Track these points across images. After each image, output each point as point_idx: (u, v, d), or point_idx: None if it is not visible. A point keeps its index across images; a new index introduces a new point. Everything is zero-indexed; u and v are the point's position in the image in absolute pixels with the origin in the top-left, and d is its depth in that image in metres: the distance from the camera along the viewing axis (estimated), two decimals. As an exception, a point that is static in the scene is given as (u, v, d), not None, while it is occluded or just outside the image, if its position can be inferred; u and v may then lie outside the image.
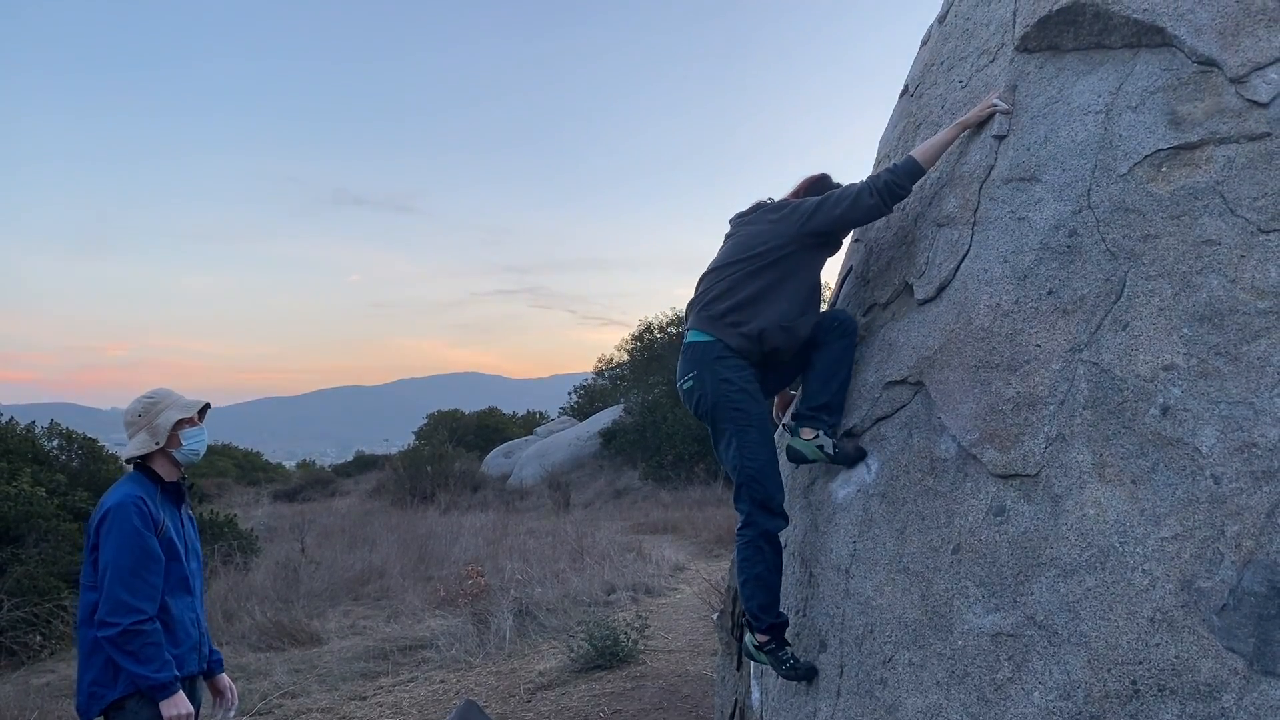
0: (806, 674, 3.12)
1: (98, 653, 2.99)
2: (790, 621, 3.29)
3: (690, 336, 3.35)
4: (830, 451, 3.21)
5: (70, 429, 12.79)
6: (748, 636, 3.30)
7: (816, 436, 3.24)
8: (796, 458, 3.29)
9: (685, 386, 3.32)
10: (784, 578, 3.31)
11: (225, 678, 3.45)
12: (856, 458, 3.19)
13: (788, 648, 3.19)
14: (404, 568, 11.33)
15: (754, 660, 3.32)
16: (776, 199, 3.54)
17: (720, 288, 3.34)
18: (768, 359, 3.34)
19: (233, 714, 3.44)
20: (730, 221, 3.58)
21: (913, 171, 3.22)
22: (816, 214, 3.31)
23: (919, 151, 3.24)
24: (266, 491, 28.11)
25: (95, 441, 12.92)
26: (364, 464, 37.04)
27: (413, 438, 33.85)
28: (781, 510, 3.19)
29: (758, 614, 3.17)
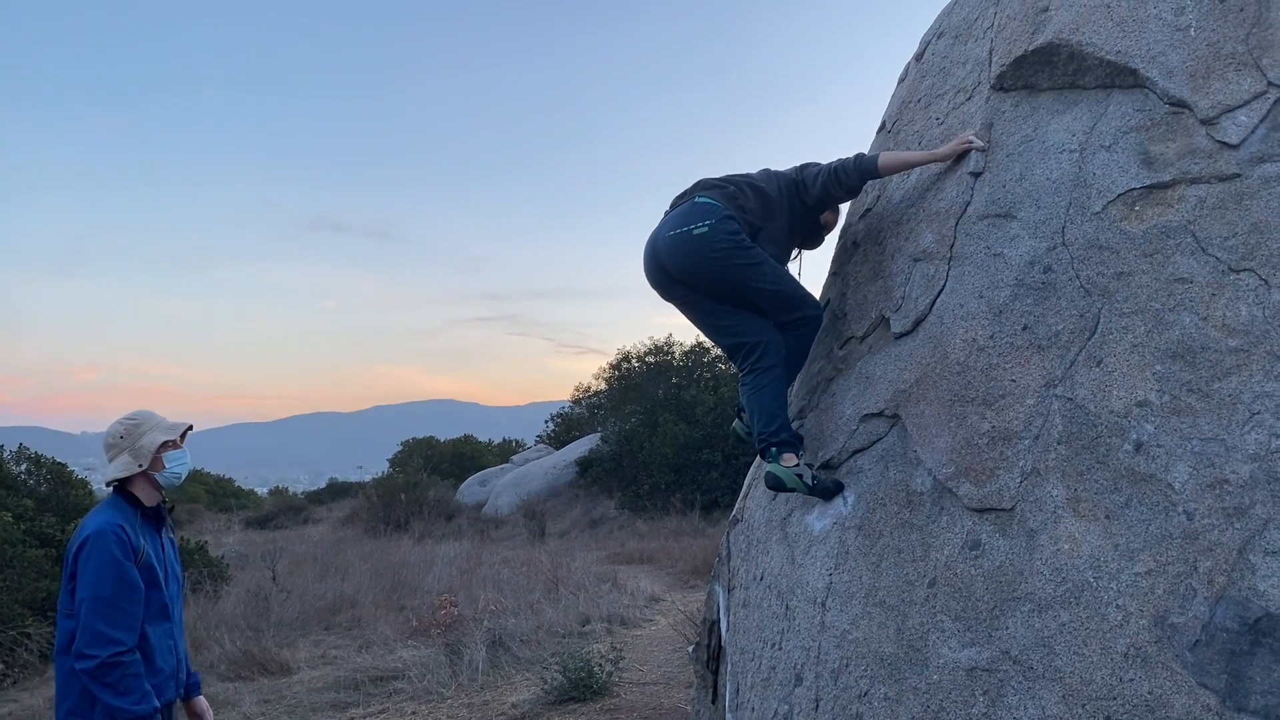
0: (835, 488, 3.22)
1: (75, 680, 2.92)
2: (766, 655, 3.27)
3: (698, 199, 3.54)
4: (809, 482, 3.21)
5: (39, 453, 12.58)
6: (778, 466, 3.28)
7: (797, 464, 3.24)
8: (775, 485, 3.29)
9: (698, 232, 3.41)
10: (759, 611, 3.30)
11: (203, 700, 3.38)
12: (834, 490, 3.20)
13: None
14: (376, 597, 11.20)
15: (783, 488, 3.25)
16: None
17: (730, 185, 3.60)
18: None
19: None
20: None
21: (868, 172, 3.46)
22: (802, 170, 3.67)
23: (885, 157, 3.42)
24: (238, 518, 27.76)
25: (65, 466, 12.71)
26: (337, 491, 36.69)
27: (387, 465, 33.56)
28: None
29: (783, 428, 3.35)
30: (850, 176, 3.48)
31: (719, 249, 3.36)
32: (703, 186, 3.60)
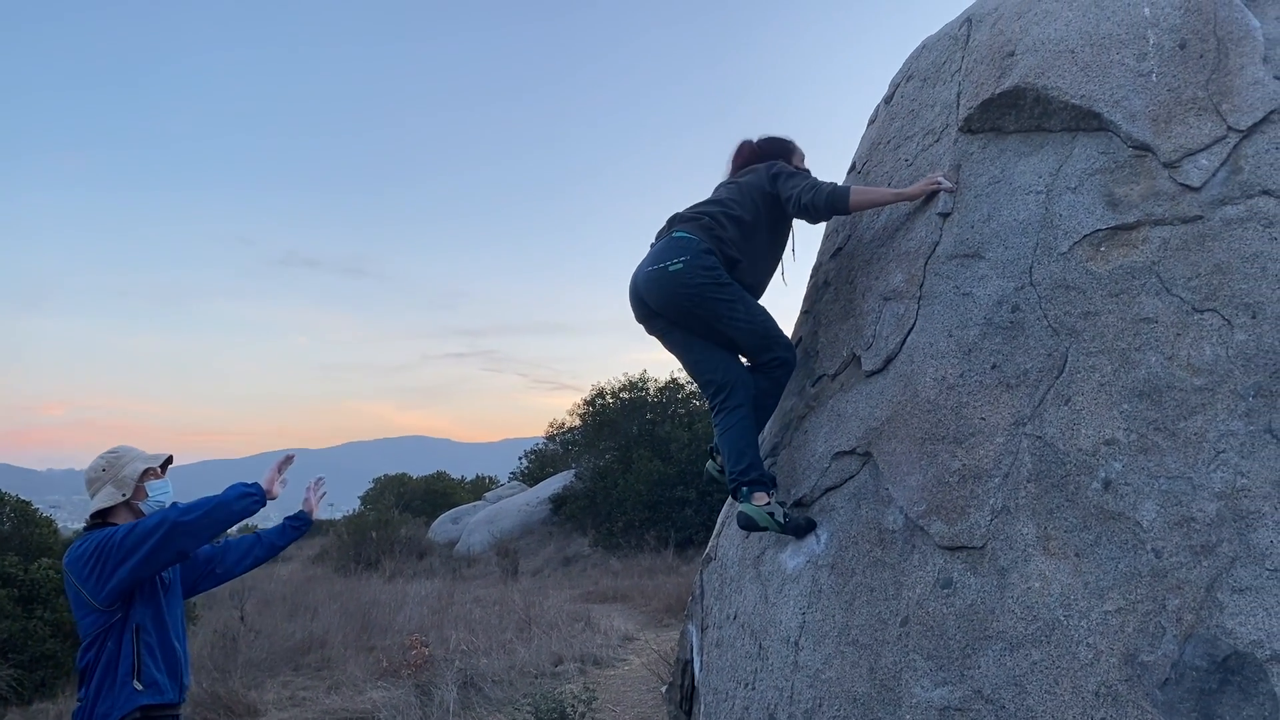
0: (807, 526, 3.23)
1: (104, 690, 2.87)
2: (739, 695, 3.25)
3: (675, 233, 3.54)
4: (780, 520, 3.20)
5: (2, 491, 12.33)
6: (749, 505, 3.26)
7: (768, 503, 3.24)
8: (747, 524, 3.28)
9: (673, 268, 3.41)
10: (733, 651, 3.27)
11: None
12: (806, 529, 3.19)
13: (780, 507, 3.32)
14: (346, 637, 11.03)
15: (755, 527, 3.23)
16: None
17: (705, 216, 3.58)
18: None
19: None
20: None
21: (837, 206, 3.44)
22: (775, 181, 3.63)
23: (856, 192, 3.41)
24: (206, 557, 27.22)
25: (29, 504, 12.45)
26: (307, 529, 36.12)
27: (358, 502, 33.20)
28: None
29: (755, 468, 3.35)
30: (820, 211, 3.49)
31: (694, 284, 3.38)
32: (679, 220, 3.61)
